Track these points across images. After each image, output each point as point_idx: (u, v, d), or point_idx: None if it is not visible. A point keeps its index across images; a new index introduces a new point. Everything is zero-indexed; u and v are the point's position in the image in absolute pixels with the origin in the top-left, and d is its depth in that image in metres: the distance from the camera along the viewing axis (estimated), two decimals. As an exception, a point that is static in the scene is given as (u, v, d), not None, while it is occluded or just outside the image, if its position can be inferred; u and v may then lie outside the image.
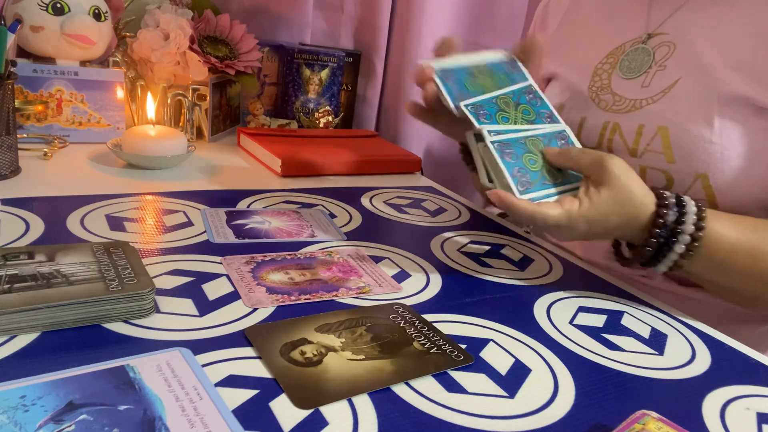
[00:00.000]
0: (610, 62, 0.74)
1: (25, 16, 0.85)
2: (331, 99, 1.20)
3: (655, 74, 0.68)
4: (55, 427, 0.34)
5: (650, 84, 0.69)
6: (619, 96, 0.71)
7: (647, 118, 0.67)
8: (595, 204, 0.55)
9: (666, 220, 0.56)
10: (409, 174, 1.03)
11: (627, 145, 0.69)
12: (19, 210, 0.64)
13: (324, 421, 0.38)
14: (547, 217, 0.55)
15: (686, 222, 0.56)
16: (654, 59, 0.69)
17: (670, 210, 0.56)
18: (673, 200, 0.57)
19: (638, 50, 0.71)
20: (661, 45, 0.69)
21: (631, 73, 0.71)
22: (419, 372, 0.45)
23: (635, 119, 0.68)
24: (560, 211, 0.56)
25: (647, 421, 0.40)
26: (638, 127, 0.68)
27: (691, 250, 0.56)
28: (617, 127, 0.70)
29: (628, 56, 0.72)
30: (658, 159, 0.66)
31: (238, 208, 0.74)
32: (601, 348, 0.52)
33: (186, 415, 0.37)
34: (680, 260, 0.57)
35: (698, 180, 0.64)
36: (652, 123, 0.67)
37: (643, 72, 0.70)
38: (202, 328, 0.47)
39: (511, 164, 0.59)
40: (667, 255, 0.57)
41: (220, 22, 1.05)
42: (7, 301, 0.43)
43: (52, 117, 0.89)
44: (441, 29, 1.25)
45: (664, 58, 0.68)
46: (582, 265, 0.70)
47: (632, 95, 0.70)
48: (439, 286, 0.60)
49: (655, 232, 0.56)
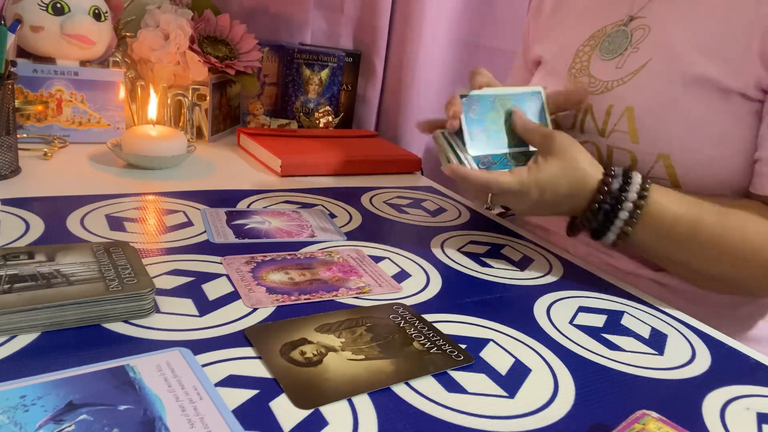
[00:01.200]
0: (591, 44, 0.75)
1: (25, 16, 0.85)
2: (331, 99, 1.20)
3: (629, 56, 0.70)
4: (55, 427, 0.34)
5: (623, 65, 0.70)
6: (595, 78, 0.72)
7: (616, 99, 0.69)
8: (543, 170, 0.61)
9: (610, 188, 0.60)
10: (409, 174, 1.03)
11: (597, 125, 0.71)
12: (19, 210, 0.64)
13: (324, 421, 0.38)
14: (501, 183, 0.61)
15: (630, 191, 0.60)
16: (630, 41, 0.71)
17: (615, 179, 0.61)
18: (620, 172, 0.61)
19: (618, 32, 0.72)
20: (638, 28, 0.71)
21: (609, 54, 0.72)
22: (419, 372, 0.45)
23: (606, 100, 0.70)
24: (511, 177, 0.61)
25: (647, 421, 0.40)
26: (608, 108, 0.69)
27: (635, 218, 0.60)
28: (590, 108, 0.72)
29: (609, 37, 0.73)
30: (624, 139, 0.68)
31: (238, 208, 0.74)
32: (601, 348, 0.52)
33: (186, 415, 0.37)
34: (625, 227, 0.61)
35: (660, 160, 0.65)
36: (619, 104, 0.68)
37: (619, 54, 0.71)
38: (202, 328, 0.47)
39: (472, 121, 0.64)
40: (614, 222, 0.61)
41: (220, 22, 1.05)
42: (7, 301, 0.43)
43: (52, 117, 0.89)
44: (441, 29, 1.25)
45: (639, 41, 0.70)
46: (582, 265, 0.70)
47: (606, 77, 0.71)
48: (439, 286, 0.60)
49: (599, 197, 0.60)
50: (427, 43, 1.22)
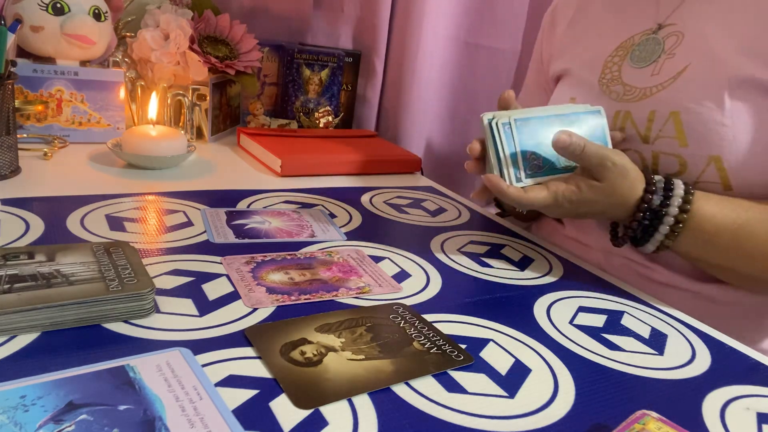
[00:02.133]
0: (620, 54, 0.74)
1: (25, 16, 0.85)
2: (331, 99, 1.20)
3: (665, 63, 0.69)
4: (55, 427, 0.34)
5: (660, 71, 0.69)
6: (629, 86, 0.72)
7: (658, 105, 0.68)
8: (583, 191, 0.61)
9: (650, 205, 0.60)
10: (409, 174, 1.03)
11: (639, 131, 0.69)
12: (19, 210, 0.64)
13: (324, 421, 0.38)
14: (534, 202, 0.61)
15: (671, 205, 0.60)
16: (663, 49, 0.70)
17: (655, 195, 0.61)
18: (661, 184, 0.61)
19: (649, 40, 0.72)
20: (670, 35, 0.70)
21: (641, 62, 0.71)
22: (419, 372, 0.45)
23: (646, 106, 0.69)
24: (546, 194, 0.61)
25: (647, 421, 0.40)
26: (649, 114, 0.68)
27: (676, 231, 0.60)
28: (629, 115, 0.70)
29: (639, 47, 0.73)
30: (671, 144, 0.66)
31: (238, 208, 0.74)
32: (601, 348, 0.52)
33: (186, 415, 0.37)
34: (665, 240, 0.61)
35: (711, 163, 0.64)
36: (663, 109, 0.67)
37: (653, 61, 0.70)
38: (202, 328, 0.47)
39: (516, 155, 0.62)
40: (653, 236, 0.62)
41: (220, 22, 1.05)
42: (7, 301, 0.43)
43: (52, 117, 0.89)
44: (441, 29, 1.25)
45: (673, 47, 0.69)
46: (582, 265, 0.70)
47: (642, 84, 0.70)
48: (439, 286, 0.60)
49: (638, 215, 0.61)
50: (427, 43, 1.22)
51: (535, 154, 0.63)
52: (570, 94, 0.79)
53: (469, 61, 1.31)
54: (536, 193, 0.61)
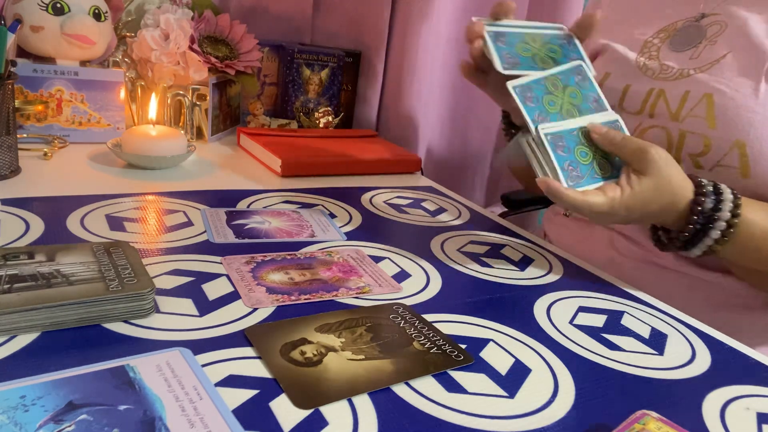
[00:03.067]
0: (661, 37, 0.76)
1: (25, 16, 0.85)
2: (331, 99, 1.20)
3: (705, 48, 0.71)
4: (55, 427, 0.34)
5: (699, 56, 0.71)
6: (666, 65, 0.73)
7: (693, 86, 0.69)
8: (636, 192, 0.58)
9: (703, 208, 0.58)
10: (409, 174, 1.03)
11: (670, 109, 0.70)
12: (19, 210, 0.64)
13: (324, 421, 0.38)
14: (592, 206, 0.58)
15: (723, 209, 0.58)
16: (705, 36, 0.72)
17: (707, 198, 0.59)
18: (711, 188, 0.59)
19: (691, 27, 0.73)
20: (713, 23, 0.72)
21: (682, 46, 0.73)
22: (419, 372, 0.45)
23: (681, 86, 0.70)
24: (603, 200, 0.58)
25: (647, 421, 0.40)
26: (684, 93, 0.69)
27: (726, 236, 0.59)
28: (662, 93, 0.71)
29: (680, 32, 0.74)
30: (700, 124, 0.67)
31: (238, 208, 0.74)
32: (601, 348, 0.52)
33: (186, 415, 0.37)
34: (714, 245, 0.59)
35: (735, 148, 0.65)
36: (698, 90, 0.69)
37: (693, 46, 0.72)
38: (202, 328, 0.47)
39: (562, 158, 0.60)
40: (703, 240, 0.60)
41: (220, 22, 1.05)
42: (7, 301, 0.43)
43: (52, 117, 0.89)
44: (441, 29, 1.25)
45: (715, 35, 0.71)
46: (582, 265, 0.70)
47: (680, 65, 0.72)
48: (439, 286, 0.60)
49: (693, 219, 0.59)
50: (427, 43, 1.22)
51: (573, 164, 0.61)
52: (605, 69, 0.79)
53: (469, 61, 1.31)
54: (594, 197, 0.58)
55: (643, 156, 0.58)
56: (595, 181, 0.61)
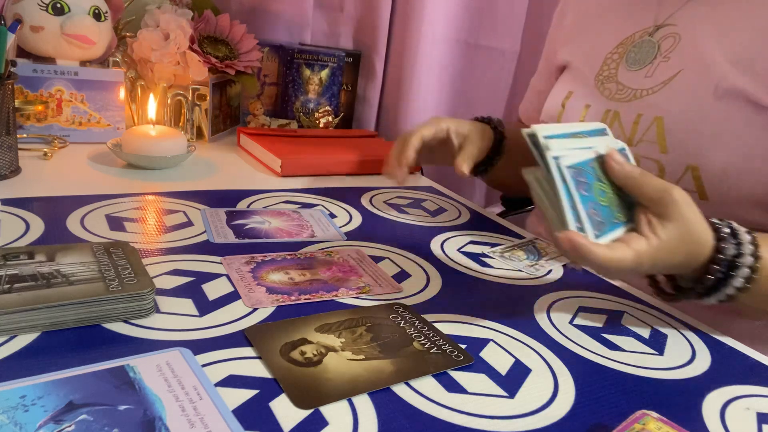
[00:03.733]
0: (620, 52, 0.75)
1: (25, 16, 0.85)
2: (331, 99, 1.20)
3: (659, 65, 0.69)
4: (55, 427, 0.34)
5: (653, 74, 0.69)
6: (622, 85, 0.72)
7: (645, 108, 0.68)
8: (663, 243, 0.50)
9: (725, 255, 0.52)
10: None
11: (624, 133, 0.70)
12: (19, 210, 0.64)
13: (324, 421, 0.38)
14: (620, 264, 0.48)
15: (744, 254, 0.52)
16: (659, 51, 0.70)
17: (729, 243, 0.52)
18: (728, 230, 0.53)
19: (644, 42, 0.72)
20: (667, 36, 0.70)
21: (636, 65, 0.72)
22: (419, 372, 0.45)
23: (634, 109, 0.69)
24: (631, 255, 0.48)
25: (647, 421, 0.40)
26: (636, 117, 0.69)
27: (749, 283, 0.52)
28: (617, 116, 0.71)
29: (635, 47, 0.73)
30: (652, 149, 0.67)
31: (238, 208, 0.74)
32: (601, 348, 0.52)
33: (186, 415, 0.37)
34: (736, 293, 0.53)
35: (689, 171, 0.64)
36: (649, 113, 0.68)
37: (648, 63, 0.70)
38: (202, 328, 0.47)
39: (585, 198, 0.48)
40: (721, 289, 0.53)
41: (220, 22, 1.05)
42: (7, 301, 0.43)
43: (52, 117, 0.89)
44: (441, 29, 1.25)
45: (669, 50, 0.69)
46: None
47: (635, 85, 0.71)
48: (439, 286, 0.60)
49: (714, 268, 0.52)
50: (427, 43, 1.22)
51: (595, 207, 0.49)
52: (568, 87, 0.79)
53: (469, 61, 1.31)
54: (621, 253, 0.48)
55: (667, 198, 0.49)
56: (615, 227, 0.50)
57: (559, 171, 0.47)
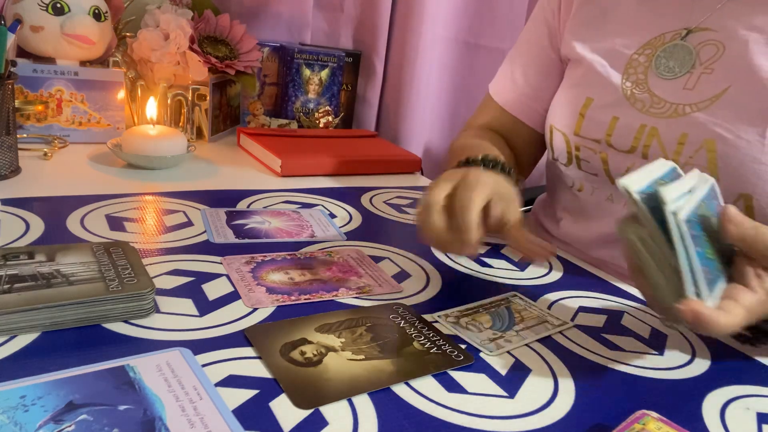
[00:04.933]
0: (647, 54, 0.66)
1: (25, 16, 0.85)
2: (331, 99, 1.20)
3: (701, 77, 0.62)
4: (55, 427, 0.34)
5: (694, 87, 0.62)
6: (658, 98, 0.64)
7: (692, 128, 0.61)
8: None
9: None
10: (409, 174, 1.03)
11: (666, 153, 0.62)
12: (19, 210, 0.64)
13: (324, 421, 0.38)
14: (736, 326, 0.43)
15: None
16: (698, 59, 0.63)
17: None
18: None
19: (677, 47, 0.64)
20: (707, 43, 0.63)
21: (670, 72, 0.64)
22: (419, 372, 0.45)
23: (678, 126, 0.62)
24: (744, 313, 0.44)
25: (647, 421, 0.40)
26: (680, 136, 0.61)
27: None
28: (655, 132, 0.63)
29: (666, 52, 0.65)
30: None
31: (238, 208, 0.74)
32: (601, 348, 0.52)
33: (186, 415, 0.37)
34: None
35: (741, 199, 0.59)
36: (697, 134, 0.60)
37: (685, 72, 0.63)
38: (202, 328, 0.47)
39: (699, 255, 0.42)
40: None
41: (220, 22, 1.05)
42: (7, 301, 0.43)
43: (52, 117, 0.89)
44: (441, 29, 1.25)
45: (711, 60, 0.62)
46: (582, 265, 0.70)
47: (673, 98, 0.63)
48: (439, 286, 0.60)
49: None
50: (427, 43, 1.22)
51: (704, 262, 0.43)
52: (586, 93, 0.70)
53: (469, 61, 1.31)
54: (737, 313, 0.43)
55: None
56: (720, 281, 0.45)
57: (678, 230, 0.41)
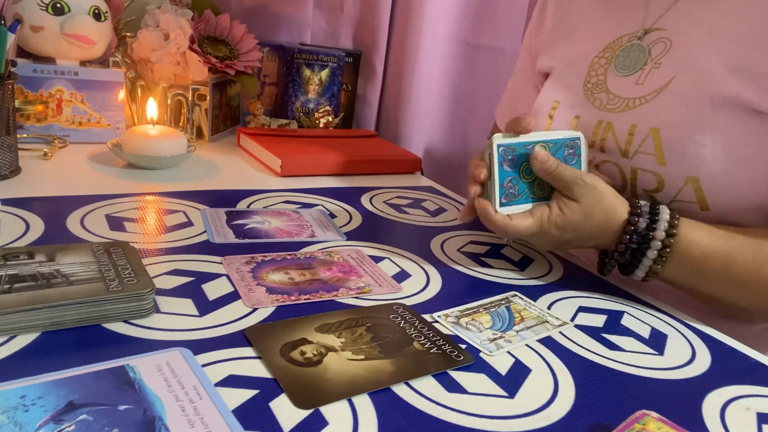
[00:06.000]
0: (606, 57, 0.72)
1: (25, 16, 0.85)
2: (331, 99, 1.20)
3: (650, 72, 0.67)
4: (55, 427, 0.34)
5: (644, 82, 0.67)
6: (613, 95, 0.69)
7: (639, 119, 0.66)
8: (566, 215, 0.60)
9: (636, 227, 0.59)
10: (409, 174, 1.03)
11: (619, 145, 0.67)
12: (19, 210, 0.64)
13: (324, 421, 0.38)
14: (519, 229, 0.61)
15: (657, 228, 0.58)
16: (650, 56, 0.67)
17: (641, 218, 0.59)
18: (647, 209, 0.60)
19: (633, 46, 0.69)
20: (658, 41, 0.67)
21: (625, 70, 0.69)
22: (419, 372, 0.45)
23: (628, 119, 0.67)
24: (531, 222, 0.61)
25: (647, 421, 0.40)
26: (630, 127, 0.66)
27: (664, 256, 0.59)
28: (610, 126, 0.68)
29: (624, 52, 0.70)
30: (649, 161, 0.64)
31: (238, 208, 0.74)
32: (601, 348, 0.52)
33: (186, 415, 0.37)
34: (654, 266, 0.59)
35: (689, 183, 0.62)
36: (644, 123, 0.65)
37: (638, 69, 0.68)
38: (202, 328, 0.47)
39: (506, 173, 0.62)
40: (642, 261, 0.60)
41: (220, 22, 1.05)
42: (7, 301, 0.43)
43: (52, 117, 0.89)
44: (441, 29, 1.25)
45: (660, 55, 0.66)
46: (582, 265, 0.70)
47: (626, 94, 0.68)
48: (439, 286, 0.60)
49: (625, 238, 0.59)
50: (427, 43, 1.22)
51: (513, 181, 0.62)
52: (554, 96, 0.76)
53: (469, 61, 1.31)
54: (520, 221, 0.61)
55: (573, 186, 0.60)
56: (528, 202, 0.63)
57: (489, 150, 0.61)
